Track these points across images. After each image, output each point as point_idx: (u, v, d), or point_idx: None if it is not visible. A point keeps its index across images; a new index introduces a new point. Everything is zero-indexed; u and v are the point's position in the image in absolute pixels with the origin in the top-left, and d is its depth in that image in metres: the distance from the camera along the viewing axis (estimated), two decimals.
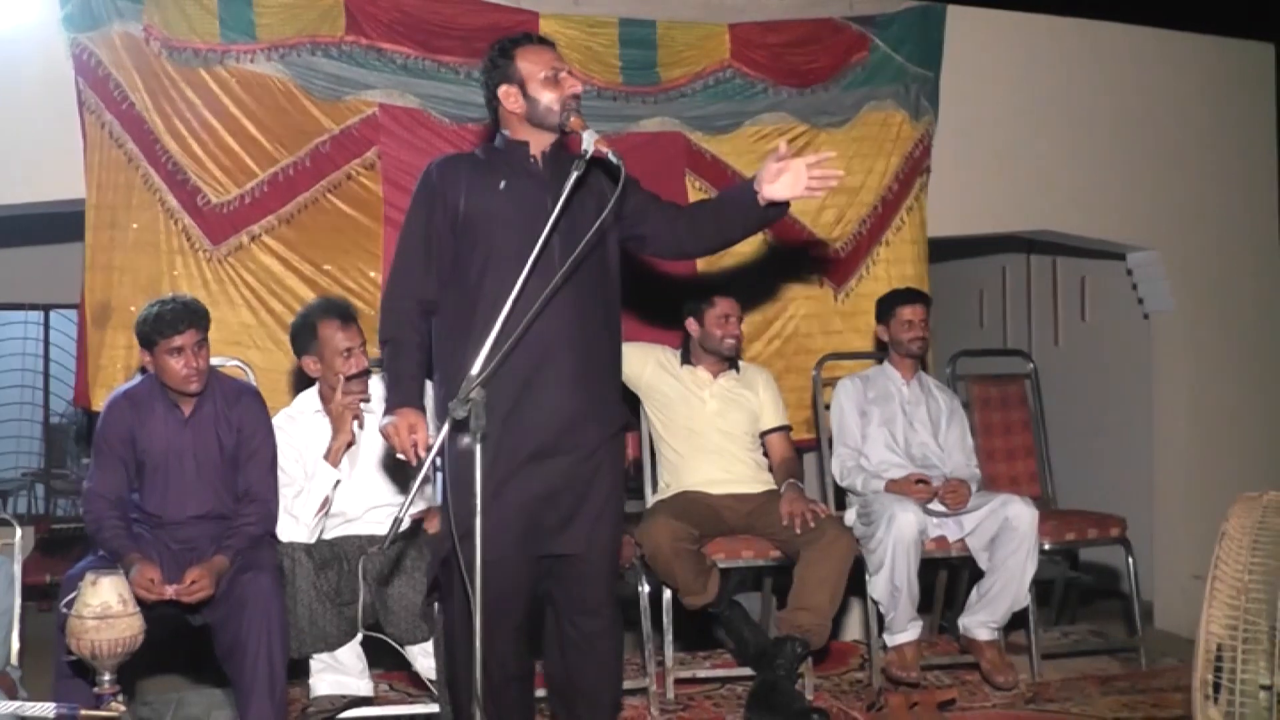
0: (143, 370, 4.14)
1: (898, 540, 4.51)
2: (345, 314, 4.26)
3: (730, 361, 4.93)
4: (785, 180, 3.39)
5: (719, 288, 4.97)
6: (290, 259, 4.90)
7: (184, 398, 4.02)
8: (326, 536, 4.21)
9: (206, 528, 4.01)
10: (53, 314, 8.21)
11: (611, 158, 3.19)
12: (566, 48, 5.09)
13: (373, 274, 4.99)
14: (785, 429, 4.97)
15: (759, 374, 5.02)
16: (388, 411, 3.35)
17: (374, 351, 4.26)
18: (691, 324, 4.91)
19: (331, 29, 4.94)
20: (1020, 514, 4.62)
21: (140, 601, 3.50)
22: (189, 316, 3.96)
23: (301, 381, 4.52)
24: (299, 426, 4.29)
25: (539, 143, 3.45)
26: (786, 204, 3.46)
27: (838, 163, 5.21)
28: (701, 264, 5.26)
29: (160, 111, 4.73)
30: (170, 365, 3.93)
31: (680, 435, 4.83)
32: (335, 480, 4.17)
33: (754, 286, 5.42)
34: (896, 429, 4.98)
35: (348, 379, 4.21)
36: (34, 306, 8.24)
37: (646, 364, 4.84)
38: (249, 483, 4.09)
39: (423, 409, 3.37)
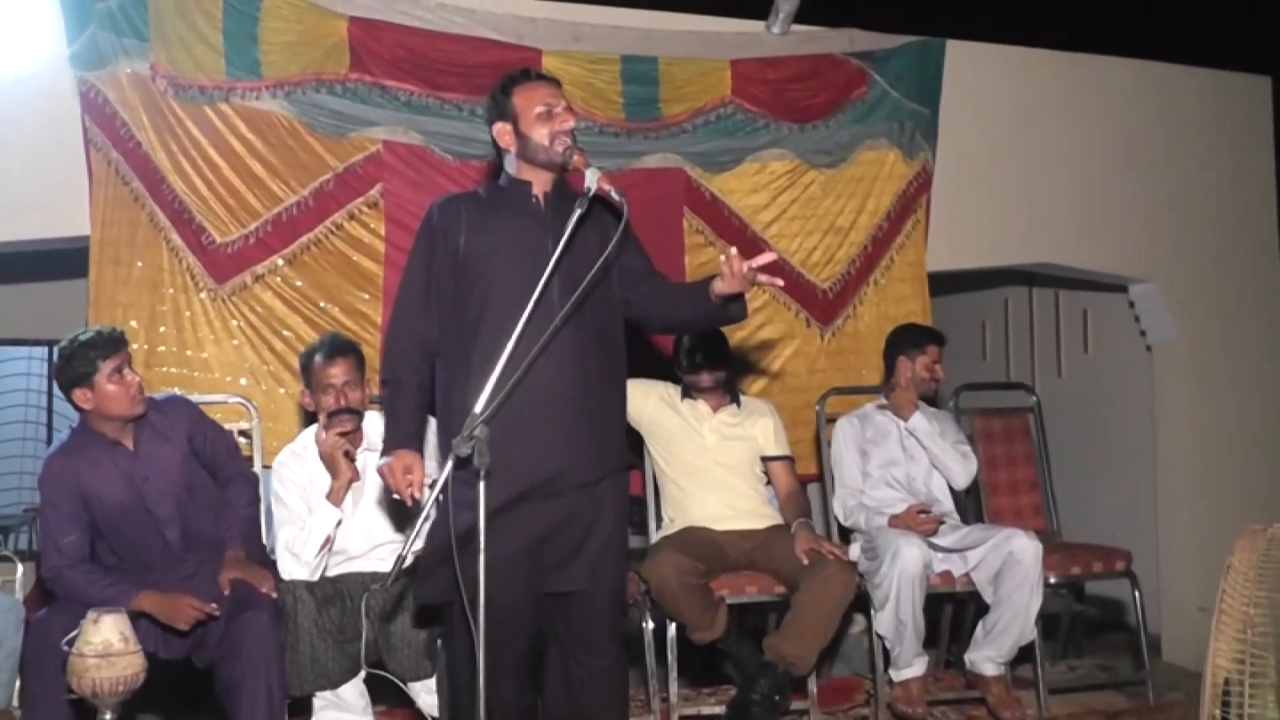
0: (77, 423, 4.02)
1: (902, 575, 4.49)
2: (333, 348, 4.23)
3: (732, 395, 4.93)
4: (732, 279, 3.29)
5: (721, 352, 4.91)
6: (293, 299, 4.92)
7: (124, 431, 3.95)
8: (329, 574, 4.20)
9: (197, 558, 3.99)
10: (56, 351, 8.20)
11: (614, 195, 3.19)
12: (569, 84, 5.08)
13: (373, 315, 5.00)
14: (787, 459, 4.95)
15: (761, 406, 5.01)
16: (384, 452, 3.36)
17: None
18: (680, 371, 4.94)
19: (336, 66, 4.95)
20: (1024, 548, 4.59)
21: (178, 632, 3.52)
22: (115, 336, 3.90)
23: (308, 419, 4.51)
24: (304, 462, 4.28)
25: (541, 182, 3.46)
26: (743, 305, 3.42)
27: (831, 204, 5.23)
28: None
29: (166, 149, 4.75)
30: (115, 391, 3.85)
31: (682, 470, 4.82)
32: (337, 520, 4.15)
33: (741, 326, 5.42)
34: (898, 468, 4.96)
35: (329, 415, 4.20)
36: (37, 342, 8.26)
37: (648, 400, 4.83)
38: (220, 464, 4.08)
39: (420, 449, 3.37)
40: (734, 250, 3.30)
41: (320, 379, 4.21)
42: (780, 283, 3.44)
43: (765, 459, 4.91)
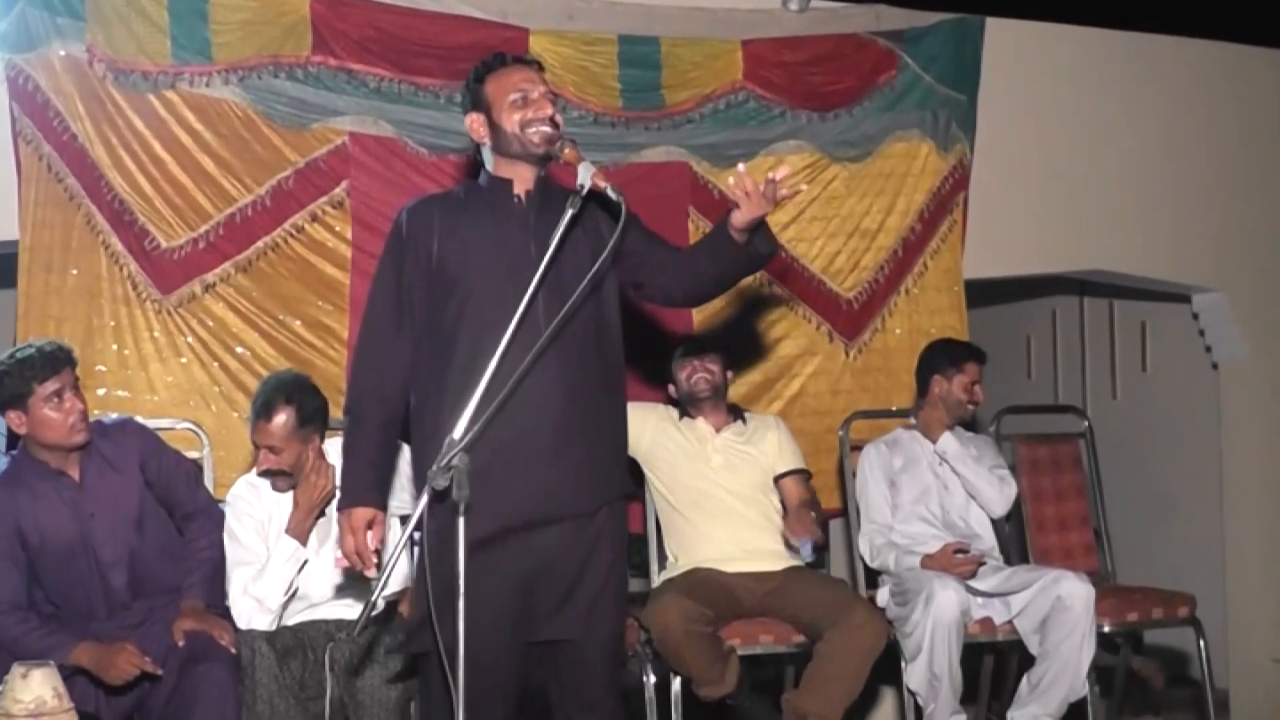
0: (9, 448, 4.05)
1: (937, 622, 4.51)
2: (264, 404, 4.14)
3: (736, 413, 4.96)
4: (746, 203, 3.32)
5: (711, 342, 5.02)
6: (248, 311, 4.92)
7: (68, 460, 3.97)
8: (289, 622, 4.20)
9: (145, 606, 4.00)
10: None
11: (611, 193, 3.21)
12: (560, 68, 5.14)
13: (339, 328, 5.01)
14: (801, 473, 4.96)
15: (767, 420, 5.04)
16: (340, 506, 3.37)
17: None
18: (670, 388, 5.00)
19: (296, 48, 4.98)
20: (1075, 592, 4.60)
21: (114, 689, 3.53)
22: (60, 355, 3.91)
23: None
24: (262, 495, 4.27)
25: (522, 180, 3.48)
26: (770, 237, 3.47)
27: (856, 203, 5.24)
28: (698, 317, 5.34)
29: (105, 142, 4.76)
30: (51, 418, 3.87)
31: (686, 499, 4.84)
32: (302, 561, 4.15)
33: (755, 341, 5.47)
34: (931, 499, 4.99)
35: (259, 474, 4.21)
36: None
37: (647, 424, 4.85)
38: (178, 499, 4.09)
39: (378, 503, 3.39)
40: (742, 166, 3.33)
41: (251, 435, 4.21)
42: (804, 187, 3.46)
43: (777, 478, 4.93)
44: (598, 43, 5.33)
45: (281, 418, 4.13)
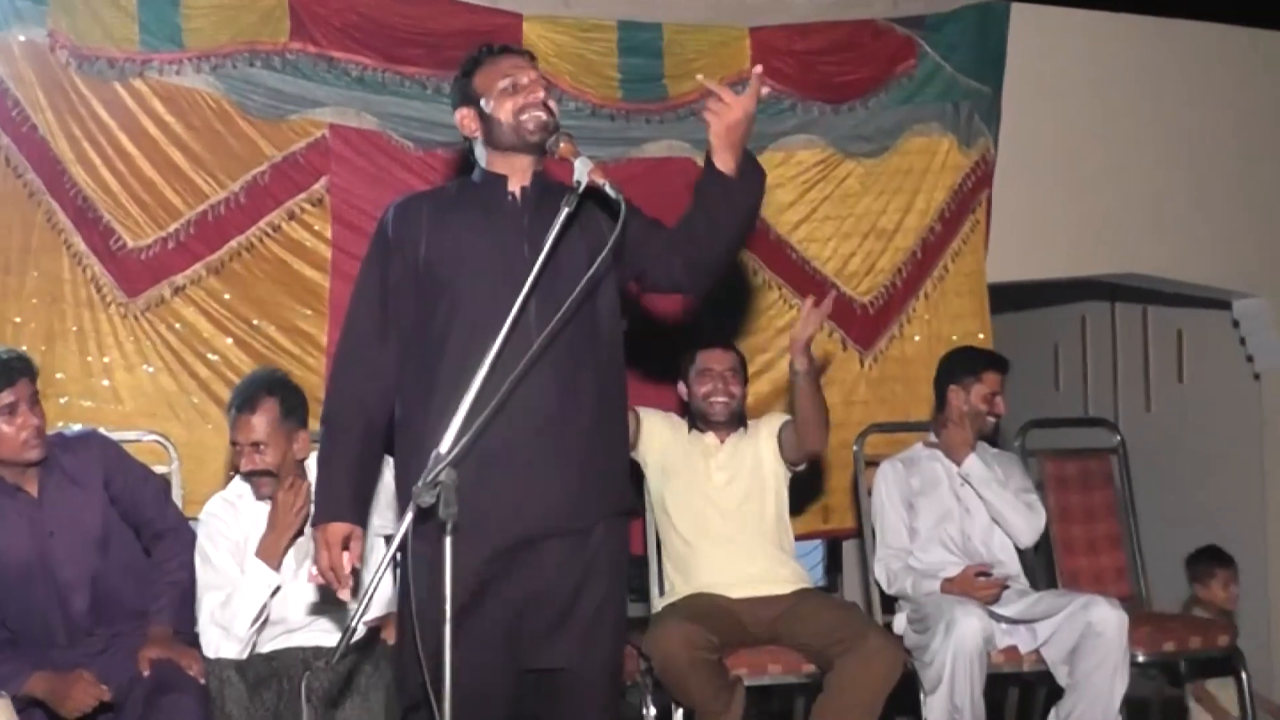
0: None
1: (958, 651, 4.48)
2: (245, 399, 4.11)
3: (739, 420, 4.93)
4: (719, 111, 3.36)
5: (730, 350, 4.99)
6: (220, 315, 4.91)
7: (25, 475, 3.95)
8: (263, 649, 4.17)
9: (108, 632, 3.98)
10: None
11: (609, 191, 3.19)
12: (555, 56, 5.15)
13: (317, 334, 5.01)
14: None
15: (762, 419, 5.00)
16: (314, 522, 3.36)
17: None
18: (681, 387, 4.96)
19: (273, 34, 4.97)
20: (1106, 618, 4.58)
21: None
22: (16, 365, 3.89)
23: None
24: (238, 514, 4.23)
25: (518, 175, 3.47)
26: (754, 162, 3.49)
27: (872, 201, 5.25)
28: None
29: (68, 135, 4.76)
30: (2, 432, 3.84)
31: (687, 516, 4.82)
32: (274, 587, 4.10)
33: (762, 349, 5.48)
34: (951, 523, 4.96)
35: (242, 475, 4.19)
36: None
37: (664, 428, 4.85)
38: (146, 517, 4.07)
39: (355, 518, 3.38)
40: (700, 76, 3.48)
41: (232, 433, 4.17)
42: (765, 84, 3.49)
43: (780, 439, 4.89)
44: (595, 29, 5.33)
45: (266, 410, 4.10)
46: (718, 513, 4.81)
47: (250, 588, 4.06)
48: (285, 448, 4.15)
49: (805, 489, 5.14)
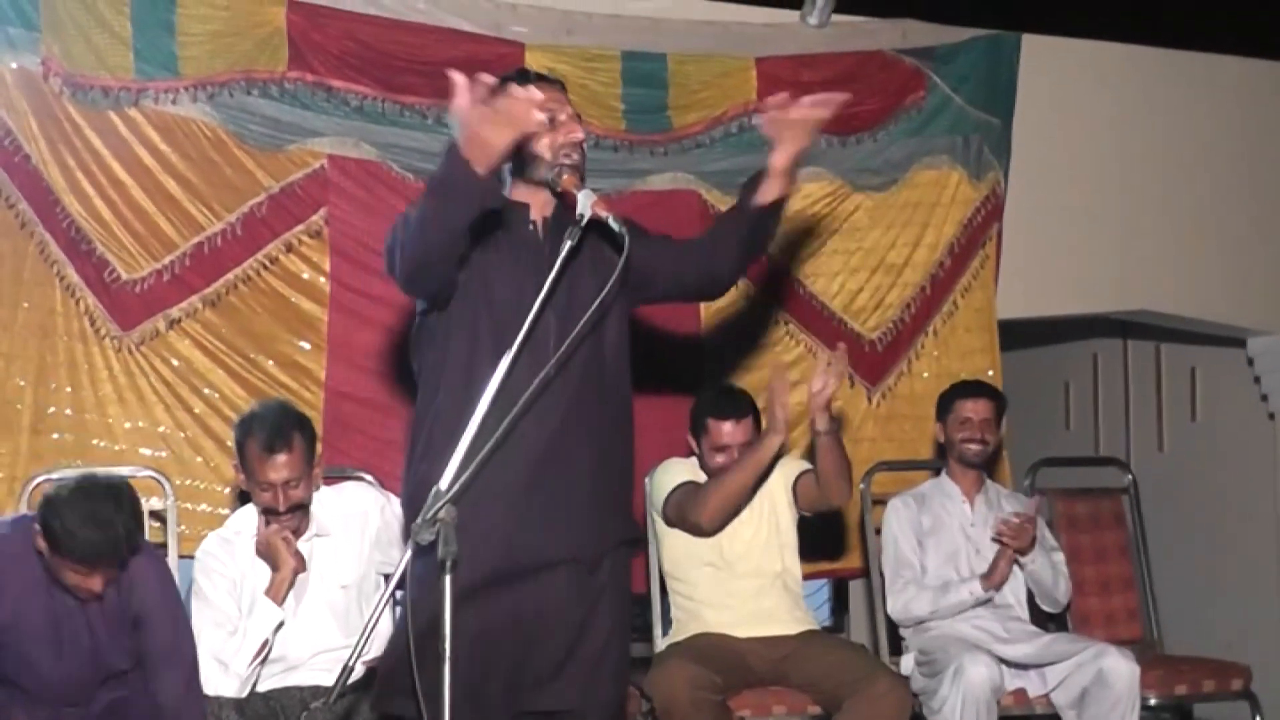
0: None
1: (967, 696, 4.49)
2: (274, 436, 4.08)
3: None
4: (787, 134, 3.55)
5: (726, 401, 4.93)
6: (216, 349, 4.91)
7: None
8: (261, 688, 4.18)
9: (113, 695, 3.98)
10: None
11: (612, 224, 3.23)
12: None
13: (316, 369, 5.01)
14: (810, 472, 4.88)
15: (779, 463, 4.98)
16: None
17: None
18: (692, 441, 4.94)
19: (270, 63, 4.99)
20: (1118, 669, 4.56)
21: None
22: (103, 549, 3.67)
23: (242, 498, 4.47)
24: (235, 552, 4.25)
25: (540, 205, 3.50)
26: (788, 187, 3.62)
27: (880, 235, 5.29)
28: (707, 367, 5.34)
29: (61, 164, 4.75)
30: (69, 580, 3.71)
31: (695, 565, 4.84)
32: (278, 622, 4.13)
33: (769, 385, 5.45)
34: (960, 563, 4.97)
35: (274, 513, 4.18)
36: None
37: (679, 478, 4.83)
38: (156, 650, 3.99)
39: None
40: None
41: (256, 472, 4.12)
42: (842, 96, 3.54)
43: (795, 489, 4.88)
44: (599, 59, 5.36)
45: (297, 446, 4.12)
46: (725, 552, 4.82)
47: (257, 624, 4.09)
48: (309, 484, 4.18)
49: (811, 528, 5.14)
